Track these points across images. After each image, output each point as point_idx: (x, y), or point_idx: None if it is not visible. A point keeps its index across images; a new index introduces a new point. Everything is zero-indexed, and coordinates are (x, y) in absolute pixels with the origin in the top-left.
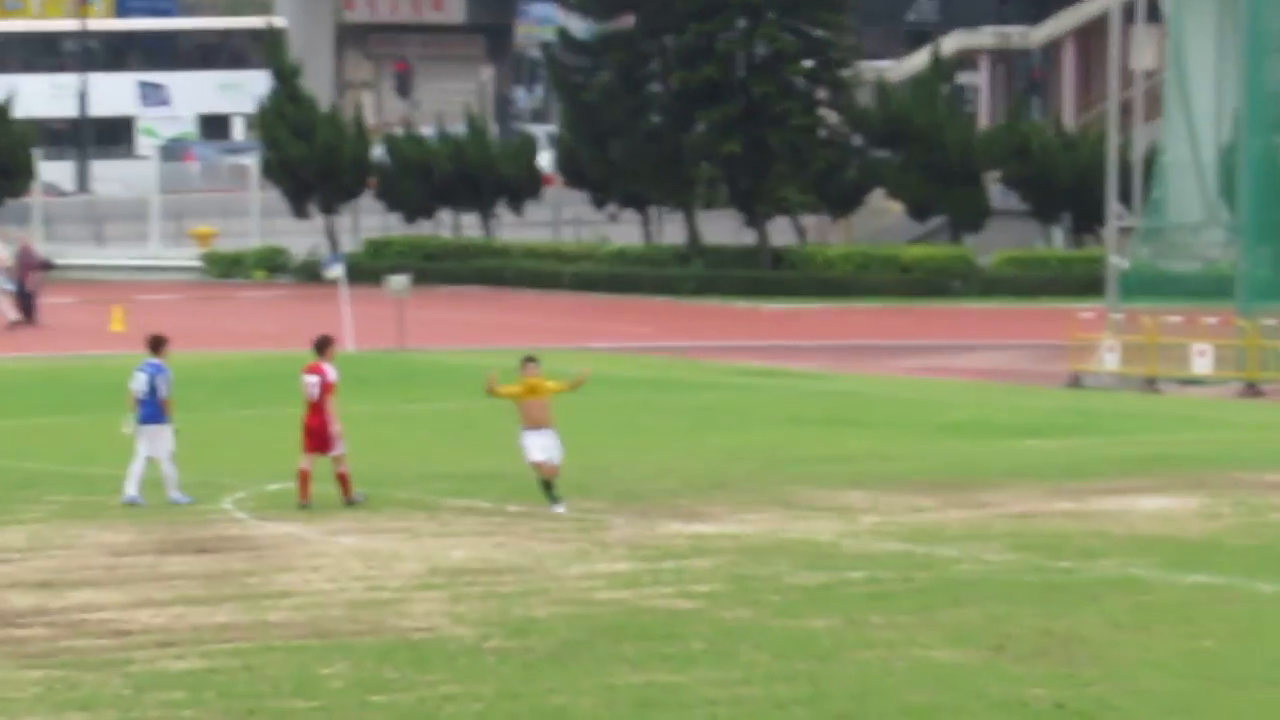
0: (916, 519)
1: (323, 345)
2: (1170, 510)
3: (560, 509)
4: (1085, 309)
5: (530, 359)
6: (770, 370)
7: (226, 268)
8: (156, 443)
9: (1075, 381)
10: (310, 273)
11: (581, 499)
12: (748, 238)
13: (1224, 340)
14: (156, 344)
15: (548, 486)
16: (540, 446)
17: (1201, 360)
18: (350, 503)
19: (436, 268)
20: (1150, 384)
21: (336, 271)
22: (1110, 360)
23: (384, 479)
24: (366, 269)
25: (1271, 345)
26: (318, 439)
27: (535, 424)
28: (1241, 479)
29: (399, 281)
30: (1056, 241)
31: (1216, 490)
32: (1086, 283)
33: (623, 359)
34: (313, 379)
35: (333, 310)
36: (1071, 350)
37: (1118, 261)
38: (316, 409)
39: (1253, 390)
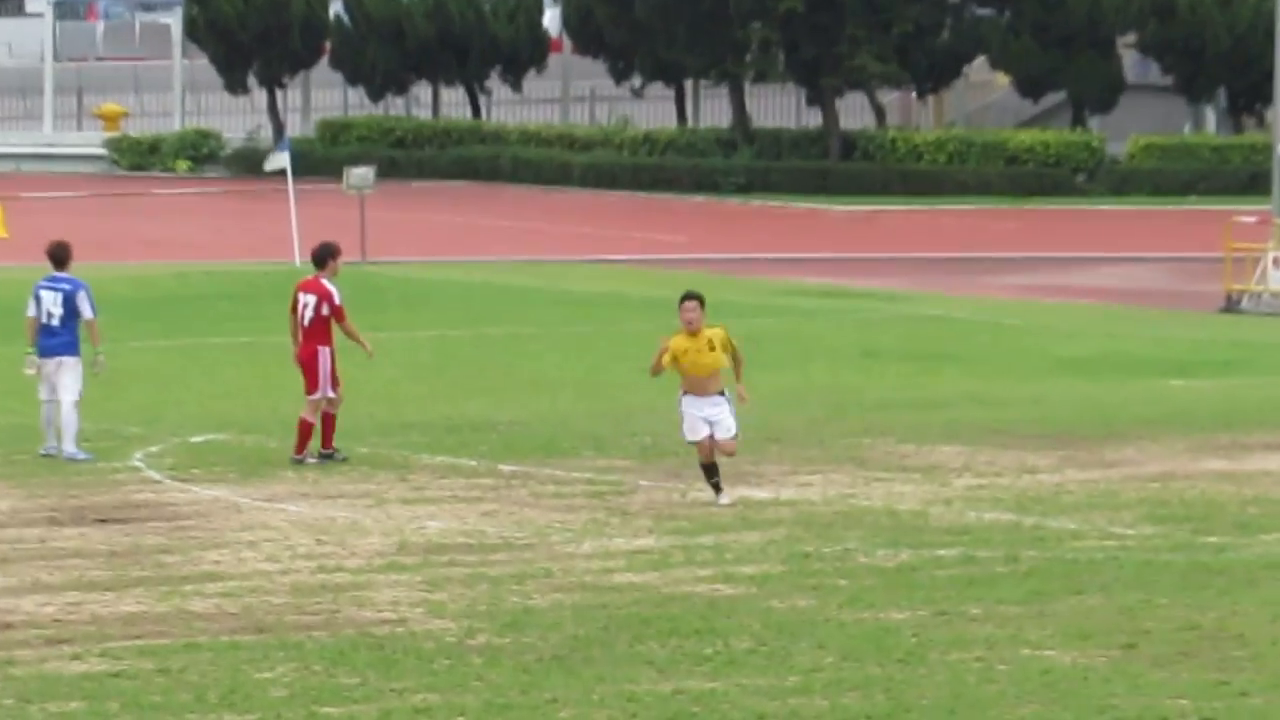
0: (1026, 482)
1: (324, 256)
2: None
3: (725, 500)
4: (1245, 212)
5: (690, 296)
6: (839, 289)
7: (140, 157)
8: (63, 380)
9: (1232, 305)
10: (249, 163)
11: (596, 456)
12: (811, 120)
13: None
14: (63, 254)
15: (709, 472)
16: (705, 418)
17: None
18: (298, 461)
19: (409, 157)
20: None
21: (281, 162)
22: (1277, 278)
23: (342, 429)
24: (320, 159)
25: None
26: (306, 376)
27: (701, 388)
28: None
29: (361, 175)
30: (1209, 125)
31: None
32: (1247, 178)
33: (650, 275)
34: (309, 299)
35: (277, 211)
36: (1227, 265)
37: None
38: (311, 338)
39: None
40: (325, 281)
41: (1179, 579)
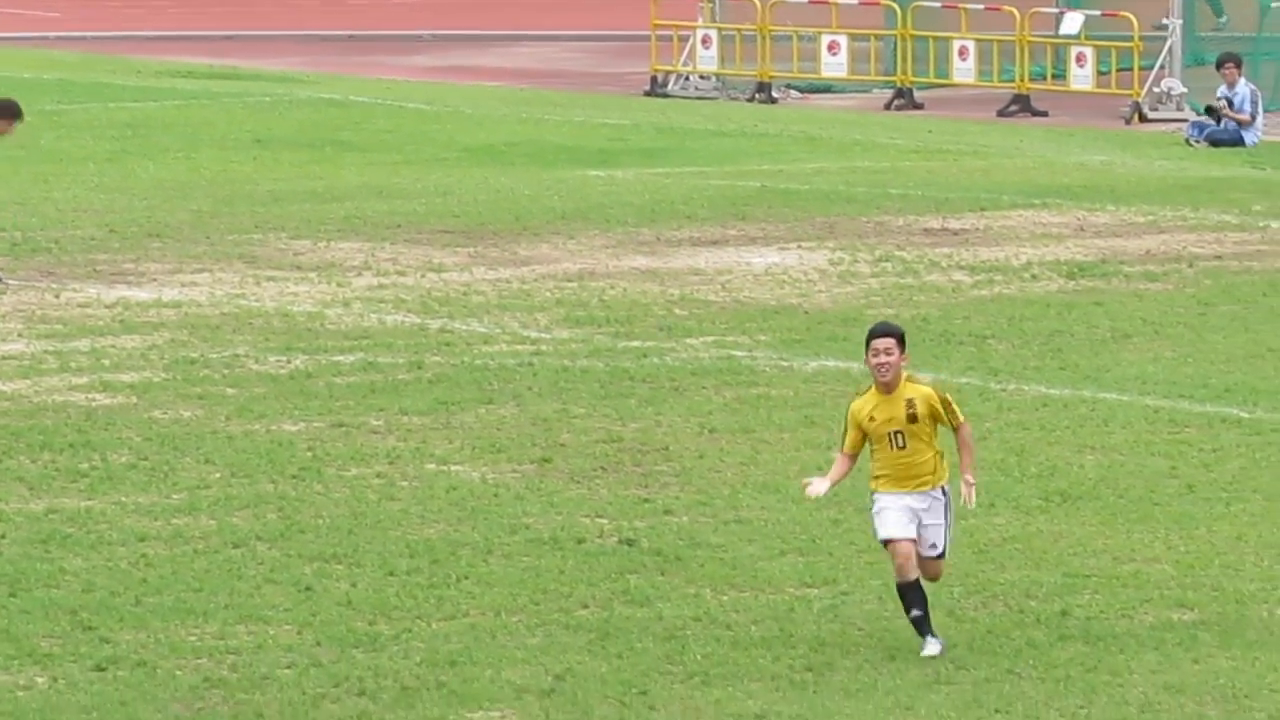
0: (431, 281)
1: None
2: (787, 268)
3: (934, 648)
4: None
5: (884, 333)
6: (227, 70)
7: None
8: None
9: (658, 87)
10: None
11: None
12: None
13: (866, 29)
14: None
15: (911, 598)
16: (911, 510)
17: (834, 58)
18: None
19: None
20: (762, 91)
21: None
22: (706, 58)
23: None
24: None
25: (933, 36)
26: None
27: (903, 474)
28: (889, 224)
29: None
30: None
31: (852, 241)
32: None
33: (19, 55)
34: None
35: None
36: (653, 44)
37: None
38: None
39: (906, 100)
40: None
41: (598, 387)
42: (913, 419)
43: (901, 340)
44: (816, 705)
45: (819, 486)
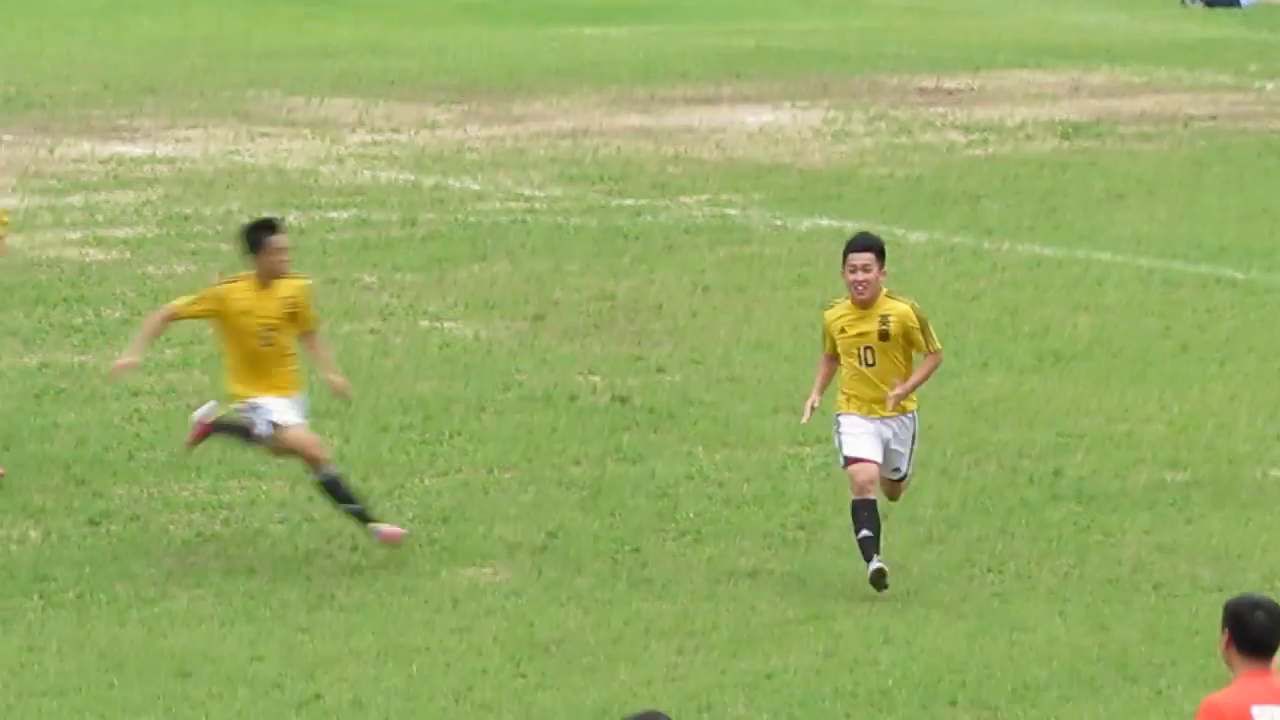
0: (425, 138)
1: None
2: (782, 127)
3: (879, 566)
4: None
5: (863, 246)
6: None
7: None
8: None
9: None
10: None
11: None
12: None
13: None
14: None
15: (863, 517)
16: (878, 435)
17: None
18: None
19: None
20: None
21: None
22: None
23: None
24: None
25: None
26: None
27: (870, 401)
28: (883, 83)
29: None
30: None
31: (847, 99)
32: None
33: None
34: None
35: None
36: None
37: None
38: None
39: None
40: None
41: (591, 245)
42: (884, 336)
43: (881, 254)
44: (808, 563)
45: (812, 401)
